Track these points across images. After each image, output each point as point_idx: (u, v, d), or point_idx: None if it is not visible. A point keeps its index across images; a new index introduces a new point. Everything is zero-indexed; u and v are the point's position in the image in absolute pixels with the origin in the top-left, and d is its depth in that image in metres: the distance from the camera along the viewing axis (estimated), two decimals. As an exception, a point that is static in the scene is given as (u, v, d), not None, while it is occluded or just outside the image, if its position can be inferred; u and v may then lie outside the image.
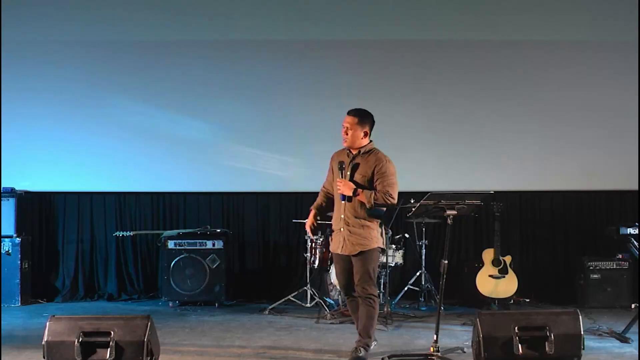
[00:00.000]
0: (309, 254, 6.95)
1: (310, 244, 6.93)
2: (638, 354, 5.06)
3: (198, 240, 7.40)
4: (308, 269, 7.05)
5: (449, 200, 4.80)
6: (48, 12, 7.85)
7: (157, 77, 7.88)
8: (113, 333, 4.21)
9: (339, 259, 4.95)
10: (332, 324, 6.22)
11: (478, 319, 4.38)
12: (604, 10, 7.79)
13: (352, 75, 7.80)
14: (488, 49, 7.84)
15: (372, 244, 4.83)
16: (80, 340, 4.19)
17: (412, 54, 7.85)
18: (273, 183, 7.85)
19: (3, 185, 7.55)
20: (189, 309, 7.18)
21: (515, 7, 7.83)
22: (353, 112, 4.90)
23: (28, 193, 7.79)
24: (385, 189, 4.76)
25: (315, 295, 6.95)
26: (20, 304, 7.39)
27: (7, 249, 7.43)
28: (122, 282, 7.98)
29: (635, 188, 7.47)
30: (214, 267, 7.34)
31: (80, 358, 4.18)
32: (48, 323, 4.29)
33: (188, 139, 7.86)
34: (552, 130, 7.81)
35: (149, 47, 7.87)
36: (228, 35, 7.85)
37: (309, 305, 7.04)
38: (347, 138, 4.87)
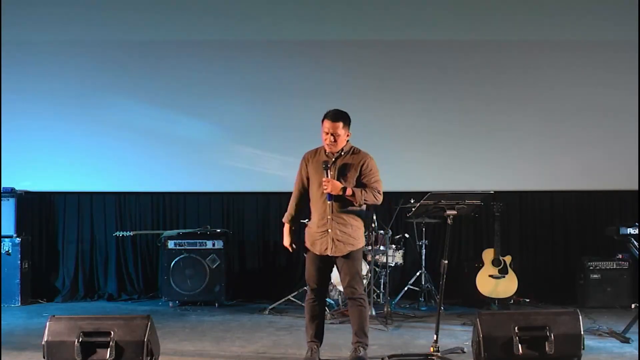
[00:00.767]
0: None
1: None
2: (638, 354, 5.06)
3: (198, 240, 7.41)
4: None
5: (449, 200, 4.80)
6: (48, 12, 7.85)
7: (157, 77, 7.89)
8: (113, 333, 4.21)
9: (317, 260, 4.80)
10: (332, 324, 6.20)
11: (478, 319, 4.38)
12: (604, 10, 7.80)
13: (352, 76, 7.80)
14: (488, 49, 7.85)
15: (360, 244, 4.81)
16: (80, 340, 4.19)
17: (412, 55, 7.85)
18: (273, 183, 7.83)
19: (3, 185, 7.55)
20: (189, 309, 7.18)
21: (515, 7, 7.84)
22: (336, 116, 4.71)
23: (28, 193, 7.78)
24: (374, 186, 4.74)
25: (315, 295, 6.93)
26: (20, 304, 7.39)
27: (7, 249, 7.43)
28: (122, 282, 7.98)
29: (635, 188, 7.47)
30: (214, 267, 7.34)
31: (80, 358, 4.18)
32: (48, 323, 4.29)
33: (188, 139, 7.86)
34: (552, 130, 7.82)
35: (149, 47, 7.87)
36: (228, 36, 7.85)
37: (309, 305, 7.04)
38: (334, 144, 4.73)
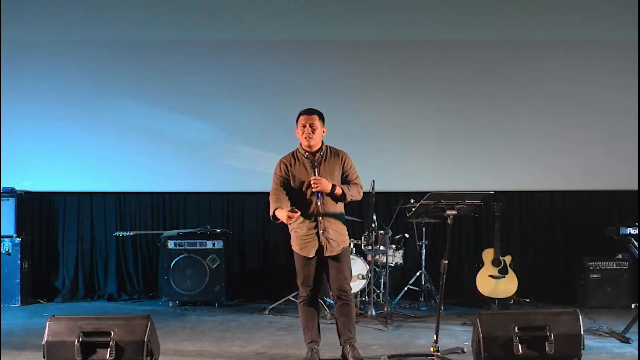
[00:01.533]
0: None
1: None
2: (638, 354, 5.06)
3: (198, 240, 7.41)
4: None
5: (449, 200, 4.80)
6: (48, 12, 7.86)
7: (157, 77, 7.88)
8: (113, 333, 4.22)
9: (310, 263, 4.74)
10: (331, 324, 6.18)
11: (478, 319, 4.39)
12: (604, 10, 7.80)
13: (352, 76, 7.80)
14: (488, 49, 7.85)
15: (347, 241, 4.90)
16: (80, 340, 4.20)
17: (412, 55, 7.85)
18: (273, 183, 7.82)
19: (3, 185, 7.55)
20: (189, 309, 7.19)
21: (515, 7, 7.84)
22: (311, 111, 4.76)
23: (28, 193, 7.79)
24: (357, 182, 4.83)
25: (315, 295, 6.94)
26: (20, 304, 7.40)
27: (7, 249, 7.43)
28: (122, 282, 7.99)
29: (635, 188, 7.47)
30: (214, 267, 7.34)
31: (80, 358, 4.18)
32: (48, 323, 4.30)
33: (188, 139, 7.86)
34: (552, 130, 7.81)
35: (150, 47, 7.87)
36: (229, 36, 7.85)
37: (309, 305, 7.04)
38: (313, 137, 4.72)
